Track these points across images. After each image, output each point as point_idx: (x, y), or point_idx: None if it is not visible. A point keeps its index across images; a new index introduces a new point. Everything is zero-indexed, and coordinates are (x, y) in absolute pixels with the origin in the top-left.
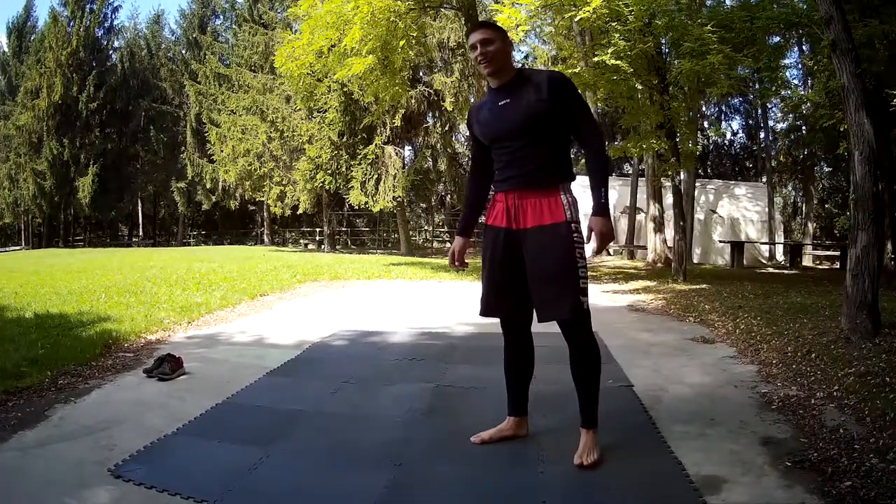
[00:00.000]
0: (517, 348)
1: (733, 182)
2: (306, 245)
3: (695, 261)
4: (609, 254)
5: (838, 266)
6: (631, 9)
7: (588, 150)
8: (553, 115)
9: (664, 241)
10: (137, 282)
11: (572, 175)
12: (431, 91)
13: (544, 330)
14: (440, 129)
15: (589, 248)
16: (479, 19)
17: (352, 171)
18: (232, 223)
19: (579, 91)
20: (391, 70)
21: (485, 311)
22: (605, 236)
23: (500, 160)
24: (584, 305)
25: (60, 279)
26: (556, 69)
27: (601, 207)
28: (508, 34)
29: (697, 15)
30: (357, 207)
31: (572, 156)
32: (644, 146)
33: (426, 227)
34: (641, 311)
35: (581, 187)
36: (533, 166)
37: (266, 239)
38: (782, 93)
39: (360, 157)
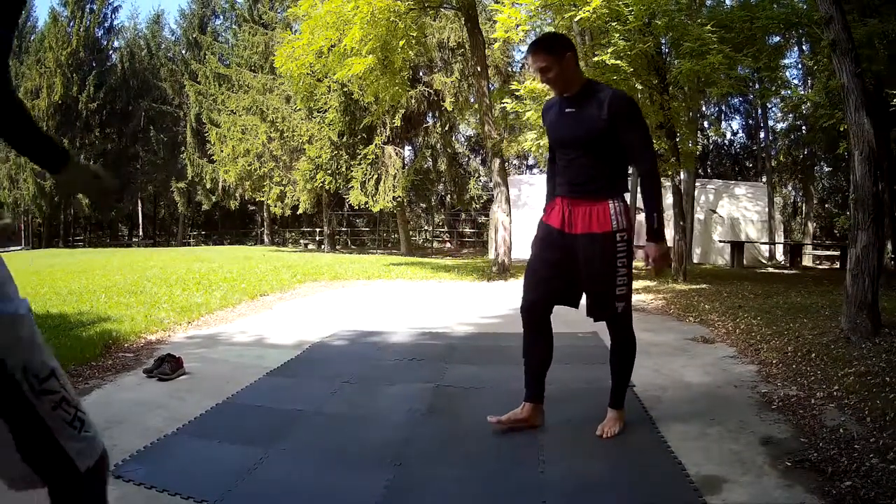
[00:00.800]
0: (535, 333)
1: (733, 182)
2: (306, 245)
3: (695, 261)
4: None
5: (838, 266)
6: (631, 9)
7: (638, 173)
8: (608, 133)
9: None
10: (137, 282)
11: (623, 190)
12: (431, 91)
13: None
14: (440, 129)
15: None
16: (479, 19)
17: (352, 171)
18: (232, 223)
19: (640, 113)
20: (391, 70)
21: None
22: (660, 261)
23: (559, 164)
24: (620, 309)
25: (60, 279)
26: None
27: (655, 233)
28: (567, 52)
29: (697, 15)
30: (357, 207)
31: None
32: None
33: (426, 227)
34: (641, 311)
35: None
36: (583, 178)
37: (266, 239)
38: (782, 93)
39: (360, 157)
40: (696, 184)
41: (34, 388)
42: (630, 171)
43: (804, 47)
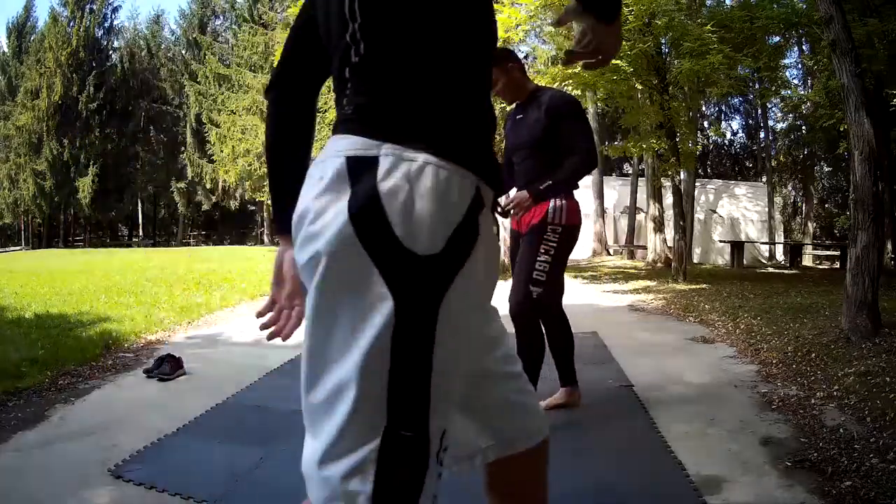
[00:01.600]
0: (530, 332)
1: (733, 182)
2: None
3: (695, 261)
4: (609, 253)
5: (838, 266)
6: (631, 9)
7: (568, 157)
8: (550, 134)
9: (664, 241)
10: (137, 282)
11: (572, 190)
12: None
13: None
14: None
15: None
16: None
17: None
18: (232, 223)
19: (580, 110)
20: None
21: None
22: (516, 201)
23: (515, 168)
24: (535, 294)
25: (60, 279)
26: (555, 69)
27: (534, 189)
28: (510, 63)
29: (697, 15)
30: None
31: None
32: (644, 146)
33: None
34: (641, 311)
35: (584, 187)
36: (531, 177)
37: (266, 239)
38: (782, 93)
39: None
40: (696, 184)
41: None
42: (629, 171)
43: (804, 47)
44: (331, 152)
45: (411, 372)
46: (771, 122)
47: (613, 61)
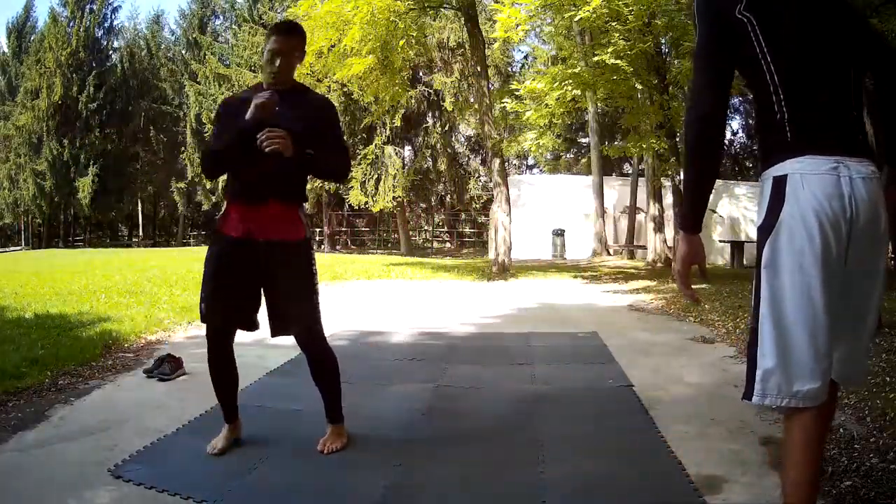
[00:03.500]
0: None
1: (733, 182)
2: None
3: None
4: (609, 253)
5: None
6: (631, 8)
7: None
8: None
9: (664, 241)
10: (137, 282)
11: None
12: (431, 91)
13: (547, 330)
14: (440, 129)
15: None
16: (479, 19)
17: (352, 171)
18: None
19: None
20: (391, 70)
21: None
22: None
23: None
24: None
25: (60, 279)
26: (555, 69)
27: None
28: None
29: None
30: (357, 207)
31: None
32: (644, 146)
33: (426, 227)
34: (641, 311)
35: (584, 187)
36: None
37: None
38: None
39: (360, 157)
40: None
41: None
42: (629, 171)
43: None
44: None
45: None
46: None
47: (613, 61)
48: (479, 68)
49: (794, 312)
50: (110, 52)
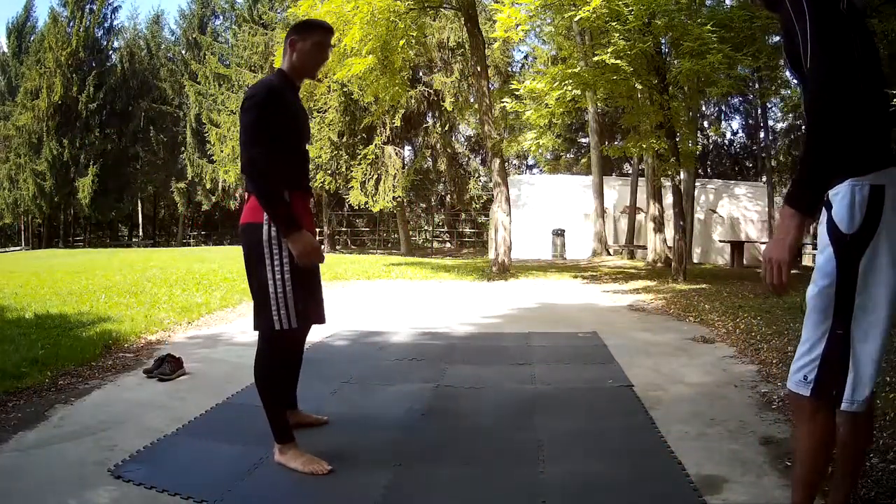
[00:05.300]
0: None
1: (733, 182)
2: None
3: (695, 261)
4: (609, 253)
5: None
6: (631, 8)
7: None
8: None
9: (664, 241)
10: (137, 282)
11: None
12: (431, 91)
13: (547, 330)
14: (440, 129)
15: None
16: (479, 19)
17: (352, 171)
18: (232, 223)
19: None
20: (391, 70)
21: (304, 320)
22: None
23: (296, 157)
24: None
25: (60, 280)
26: (555, 69)
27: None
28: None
29: (697, 14)
30: (357, 207)
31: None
32: (644, 146)
33: (426, 227)
34: (641, 311)
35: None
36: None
37: None
38: (782, 93)
39: (359, 157)
40: (696, 184)
41: None
42: (629, 171)
43: None
44: None
45: None
46: (771, 122)
47: (613, 61)
48: (478, 68)
49: (882, 321)
50: (110, 52)
